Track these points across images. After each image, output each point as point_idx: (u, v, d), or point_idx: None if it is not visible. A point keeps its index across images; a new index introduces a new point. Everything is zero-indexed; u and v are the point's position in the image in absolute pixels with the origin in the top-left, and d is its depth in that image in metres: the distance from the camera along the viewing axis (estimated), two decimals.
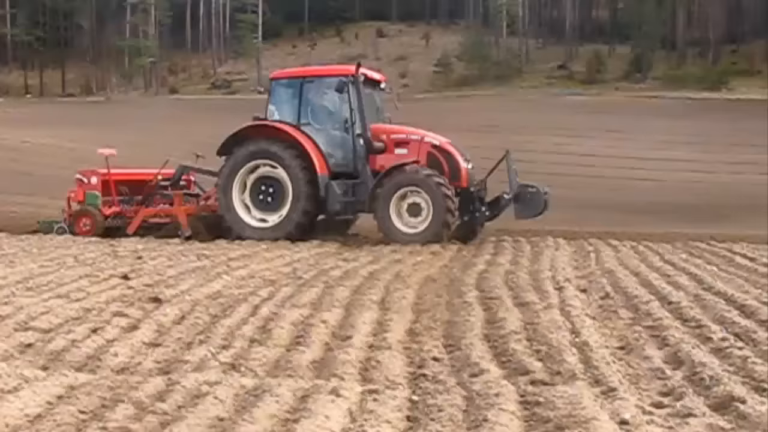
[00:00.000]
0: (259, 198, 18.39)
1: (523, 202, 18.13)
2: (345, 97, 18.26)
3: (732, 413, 5.58)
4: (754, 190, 31.38)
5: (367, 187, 17.98)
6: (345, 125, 18.45)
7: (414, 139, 18.47)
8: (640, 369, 6.85)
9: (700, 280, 11.64)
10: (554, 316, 8.69)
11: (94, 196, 19.28)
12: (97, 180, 19.46)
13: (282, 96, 19.16)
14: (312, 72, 20.29)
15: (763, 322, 8.46)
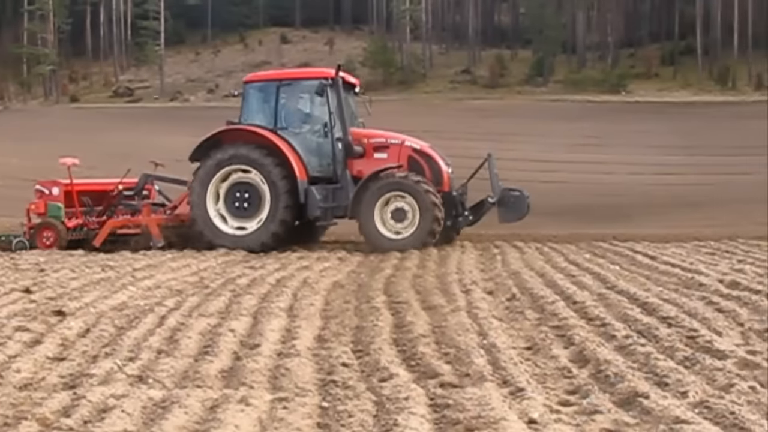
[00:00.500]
0: (234, 205, 17.91)
1: (507, 206, 18.12)
2: (324, 100, 18.05)
3: (636, 408, 5.70)
4: (652, 190, 32.13)
5: (347, 192, 17.73)
6: (324, 129, 18.19)
7: (394, 143, 18.36)
8: (546, 368, 6.94)
9: (604, 280, 11.86)
10: (462, 318, 8.76)
11: (57, 207, 18.51)
12: (59, 191, 18.74)
13: (256, 100, 18.77)
14: (288, 75, 19.96)
15: (664, 318, 8.66)
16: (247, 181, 17.83)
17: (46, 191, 18.69)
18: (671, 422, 5.30)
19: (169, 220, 18.88)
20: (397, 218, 17.31)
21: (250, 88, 18.84)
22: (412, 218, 17.25)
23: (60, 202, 18.55)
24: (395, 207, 17.32)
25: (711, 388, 6.16)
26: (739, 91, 68.14)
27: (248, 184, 17.83)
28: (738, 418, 5.34)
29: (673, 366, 6.72)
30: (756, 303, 9.50)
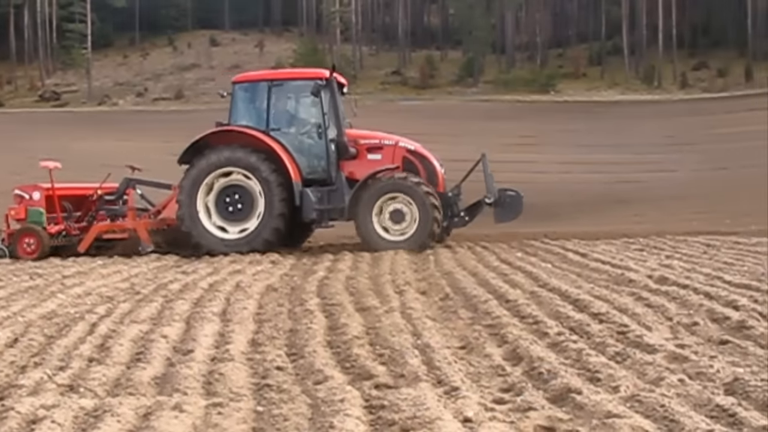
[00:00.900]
0: (225, 208, 17.55)
1: (503, 206, 18.10)
2: (317, 101, 17.84)
3: (569, 404, 5.76)
4: (582, 189, 32.54)
5: (342, 194, 17.52)
6: (317, 130, 17.94)
7: (388, 144, 18.22)
8: (481, 367, 6.99)
9: (536, 278, 11.98)
10: (396, 319, 8.78)
11: (39, 213, 17.85)
12: (40, 195, 18.07)
13: (246, 100, 18.42)
14: (280, 75, 19.54)
15: (595, 315, 8.77)
16: (238, 184, 17.52)
17: (27, 196, 18.04)
18: (603, 417, 5.36)
19: (157, 224, 18.45)
20: (396, 220, 17.22)
21: (239, 89, 18.44)
22: (410, 220, 17.17)
23: (41, 207, 17.95)
24: (393, 208, 17.21)
25: (642, 382, 6.25)
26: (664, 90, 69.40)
27: (240, 187, 17.52)
28: (668, 411, 5.43)
29: (605, 361, 6.81)
30: (684, 297, 9.67)
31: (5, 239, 17.91)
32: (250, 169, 17.32)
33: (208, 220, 17.50)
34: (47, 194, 18.14)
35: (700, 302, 9.35)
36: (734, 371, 6.43)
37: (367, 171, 17.47)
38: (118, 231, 18.26)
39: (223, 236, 17.44)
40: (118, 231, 18.26)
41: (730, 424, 5.26)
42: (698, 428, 5.09)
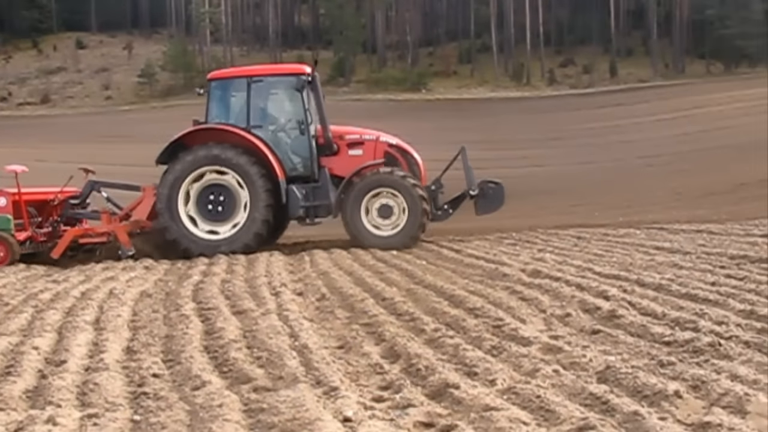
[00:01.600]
0: (207, 208, 16.99)
1: (486, 198, 18.04)
2: (298, 96, 17.48)
3: (448, 399, 5.82)
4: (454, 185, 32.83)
5: (327, 190, 17.25)
6: (300, 126, 17.52)
7: (368, 138, 18.02)
8: (359, 366, 7.00)
9: (411, 275, 12.07)
10: (272, 321, 8.72)
11: (6, 219, 16.80)
12: (6, 201, 16.98)
13: (224, 97, 17.92)
14: (259, 71, 18.71)
15: (471, 310, 8.89)
16: (220, 183, 17.04)
17: None
18: (481, 410, 5.44)
19: (132, 226, 17.60)
20: (384, 215, 17.07)
21: (215, 86, 17.94)
22: (398, 214, 17.06)
23: (9, 214, 16.92)
24: (381, 204, 17.07)
25: (518, 375, 6.38)
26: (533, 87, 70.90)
27: (221, 186, 17.03)
28: (543, 401, 5.54)
29: (481, 355, 6.91)
30: (556, 290, 9.89)
31: None
32: (233, 168, 16.91)
33: (190, 221, 17.04)
34: (14, 199, 17.17)
35: (572, 294, 9.58)
36: (606, 360, 6.60)
37: (349, 167, 17.34)
38: (95, 235, 17.59)
39: (207, 237, 17.01)
40: (95, 235, 17.59)
41: (603, 411, 5.40)
42: (573, 417, 5.21)
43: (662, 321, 8.01)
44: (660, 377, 6.06)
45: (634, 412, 5.24)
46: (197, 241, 16.90)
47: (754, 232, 16.14)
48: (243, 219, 16.93)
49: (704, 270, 11.18)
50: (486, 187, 18.11)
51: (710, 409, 5.39)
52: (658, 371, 6.28)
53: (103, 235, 17.52)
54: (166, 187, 16.98)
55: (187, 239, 16.94)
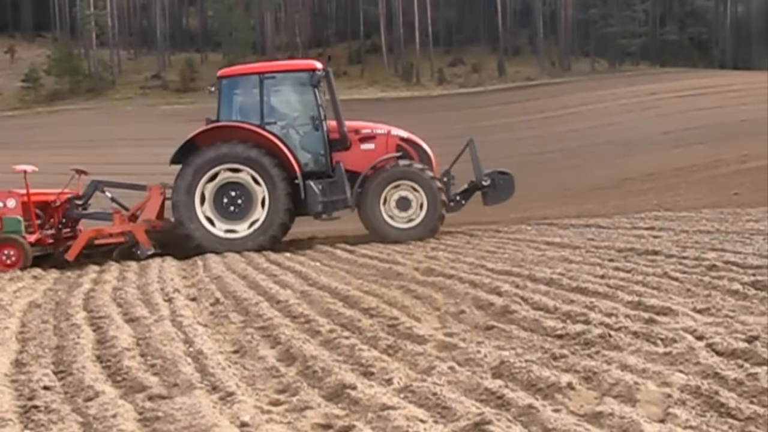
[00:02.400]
0: (223, 206, 16.92)
1: (497, 188, 18.20)
2: (311, 92, 17.50)
3: (345, 400, 5.82)
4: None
5: (343, 185, 17.20)
6: (314, 122, 17.57)
7: (380, 133, 18.05)
8: (255, 370, 6.94)
9: (306, 277, 12.03)
10: (166, 328, 8.59)
11: (17, 221, 16.28)
12: (15, 202, 16.48)
13: (236, 95, 17.74)
14: (271, 68, 18.58)
15: (366, 310, 8.91)
16: (236, 181, 16.94)
17: (0, 204, 16.44)
18: (378, 409, 5.45)
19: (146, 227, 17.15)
20: (402, 207, 17.22)
21: (226, 84, 17.71)
22: (416, 206, 17.21)
23: (19, 215, 16.41)
24: (399, 196, 17.20)
25: (414, 373, 6.41)
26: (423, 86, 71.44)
27: (238, 184, 16.95)
28: (440, 398, 5.58)
29: (377, 355, 6.93)
30: (450, 287, 9.98)
31: None
32: (251, 165, 16.84)
33: (207, 220, 16.96)
34: (23, 201, 16.70)
35: (465, 291, 9.67)
36: (500, 355, 6.69)
37: (362, 161, 17.48)
38: (112, 236, 17.16)
39: (225, 236, 16.94)
40: (112, 236, 17.16)
41: (498, 405, 5.47)
42: (469, 412, 5.26)
43: (554, 315, 8.16)
44: (553, 370, 6.16)
45: (529, 406, 5.32)
46: (216, 241, 16.83)
47: (640, 225, 16.58)
48: (262, 216, 16.92)
49: (593, 263, 11.43)
50: (497, 177, 18.35)
51: (602, 399, 5.52)
52: (551, 364, 6.39)
53: (120, 236, 17.16)
54: (183, 187, 16.92)
55: (206, 238, 16.87)
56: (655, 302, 8.27)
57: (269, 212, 16.89)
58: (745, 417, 5.09)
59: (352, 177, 17.48)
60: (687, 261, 10.82)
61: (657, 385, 5.65)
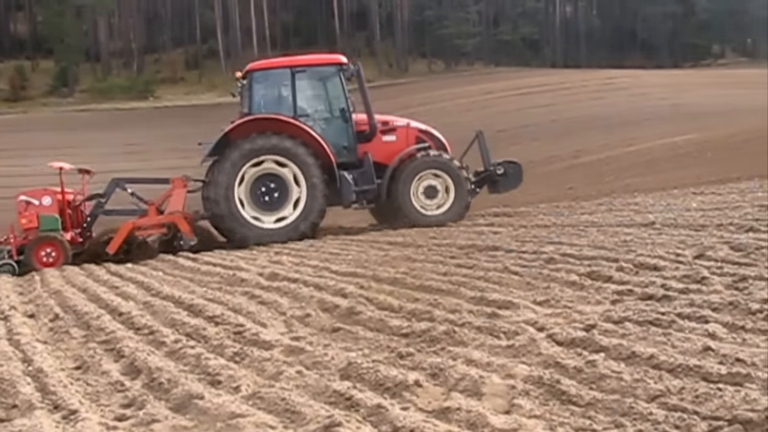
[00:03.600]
0: (260, 197, 17.26)
1: (507, 176, 18.88)
2: (340, 85, 18.09)
3: (193, 411, 5.73)
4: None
5: (371, 175, 17.73)
6: (343, 114, 18.10)
7: (400, 125, 18.64)
8: (99, 386, 6.77)
9: (148, 287, 11.81)
10: (2, 347, 8.28)
11: (54, 219, 16.45)
12: (51, 200, 16.61)
13: (266, 88, 18.20)
14: (301, 62, 18.86)
15: (211, 318, 8.81)
16: (272, 173, 17.31)
17: (36, 202, 16.57)
18: (227, 418, 5.39)
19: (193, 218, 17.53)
20: (429, 195, 17.85)
21: (257, 77, 18.10)
22: (442, 194, 17.90)
23: (55, 213, 16.53)
24: (427, 185, 17.84)
25: (261, 379, 6.37)
26: None
27: (274, 176, 17.32)
28: (289, 403, 5.56)
29: (224, 363, 6.86)
30: (295, 291, 9.97)
31: (13, 252, 16.33)
32: (288, 156, 17.22)
33: (245, 212, 17.21)
34: (57, 199, 16.83)
35: (310, 294, 9.68)
36: (347, 356, 6.72)
37: (384, 152, 18.07)
38: (153, 227, 17.24)
39: (265, 226, 17.24)
40: (153, 227, 17.24)
41: (347, 407, 5.49)
42: (318, 416, 5.26)
43: (399, 314, 8.25)
44: (400, 369, 6.23)
45: (378, 405, 5.36)
46: (256, 231, 17.16)
47: (480, 222, 16.97)
48: (299, 207, 17.32)
49: (436, 261, 11.61)
50: (507, 166, 19.07)
51: (449, 394, 5.61)
52: (398, 363, 6.45)
53: (161, 228, 17.22)
54: (223, 180, 17.13)
55: (246, 229, 17.18)
56: (497, 297, 8.47)
57: (306, 203, 17.33)
58: (586, 403, 5.26)
59: (376, 168, 18.05)
60: (526, 255, 11.10)
61: (501, 378, 5.79)
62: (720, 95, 53.74)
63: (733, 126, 33.81)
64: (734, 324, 6.69)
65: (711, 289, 7.92)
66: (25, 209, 16.71)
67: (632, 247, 10.73)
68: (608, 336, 6.61)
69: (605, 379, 5.60)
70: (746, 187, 16.56)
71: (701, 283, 8.20)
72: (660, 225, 12.75)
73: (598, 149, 33.49)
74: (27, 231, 16.59)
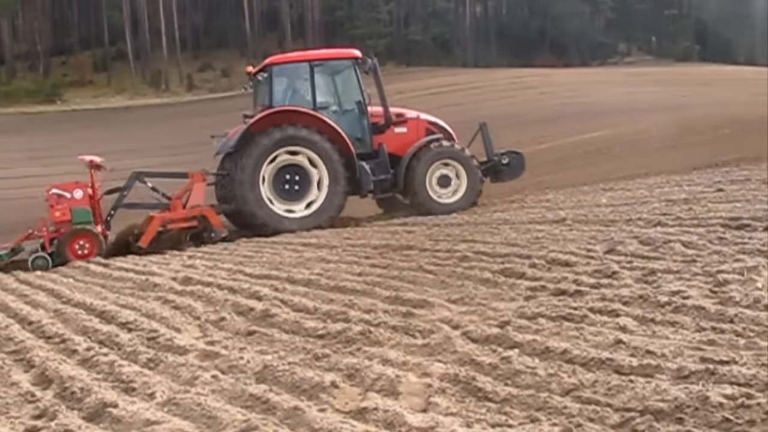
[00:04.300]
0: (282, 188, 17.72)
1: (511, 166, 19.48)
2: (355, 78, 18.68)
3: (107, 419, 5.65)
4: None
5: (387, 165, 18.36)
6: (359, 106, 18.63)
7: (411, 117, 19.24)
8: (8, 397, 6.60)
9: (58, 294, 11.57)
10: None
11: (86, 212, 16.68)
12: (82, 194, 16.83)
13: (287, 81, 18.71)
14: (318, 56, 19.41)
15: (124, 324, 8.68)
16: (294, 163, 17.78)
17: (68, 195, 16.75)
18: (142, 426, 5.33)
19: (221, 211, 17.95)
20: (443, 184, 18.41)
21: (277, 71, 18.55)
22: (455, 183, 18.48)
23: (87, 206, 16.79)
24: (440, 174, 18.41)
25: (177, 385, 6.30)
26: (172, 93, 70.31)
27: (296, 166, 17.78)
28: (205, 409, 5.52)
29: (138, 369, 6.77)
30: (209, 295, 9.88)
31: (46, 245, 16.60)
32: (311, 147, 17.70)
33: (271, 202, 17.67)
34: (88, 192, 17.03)
35: (225, 297, 9.61)
36: (263, 359, 6.69)
37: (395, 143, 18.64)
38: (184, 220, 17.34)
39: (290, 215, 17.70)
40: (184, 220, 17.34)
41: (264, 410, 5.46)
42: (235, 420, 5.23)
43: (314, 315, 8.23)
44: (316, 370, 6.22)
45: (295, 408, 5.35)
46: (284, 221, 17.60)
47: (394, 221, 17.01)
48: (322, 196, 17.82)
49: (350, 262, 11.62)
50: (510, 156, 19.72)
51: (365, 394, 5.62)
52: (314, 365, 6.45)
53: (192, 220, 17.40)
54: (248, 172, 17.49)
55: (274, 219, 17.60)
56: (411, 296, 8.51)
57: (329, 191, 17.83)
58: (501, 399, 5.32)
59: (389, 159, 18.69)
60: (440, 253, 11.18)
61: (418, 377, 5.82)
62: (627, 93, 54.87)
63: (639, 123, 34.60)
64: (644, 317, 6.84)
65: (621, 283, 8.08)
66: (57, 202, 16.87)
67: (544, 244, 10.89)
68: (522, 332, 6.70)
69: (520, 374, 5.68)
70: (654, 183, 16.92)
71: (612, 278, 8.36)
72: (571, 221, 12.97)
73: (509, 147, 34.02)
74: (59, 224, 16.77)
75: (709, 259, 8.71)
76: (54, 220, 16.80)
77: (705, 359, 5.57)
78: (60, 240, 16.53)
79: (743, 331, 6.21)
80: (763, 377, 5.08)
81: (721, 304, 6.98)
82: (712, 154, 23.64)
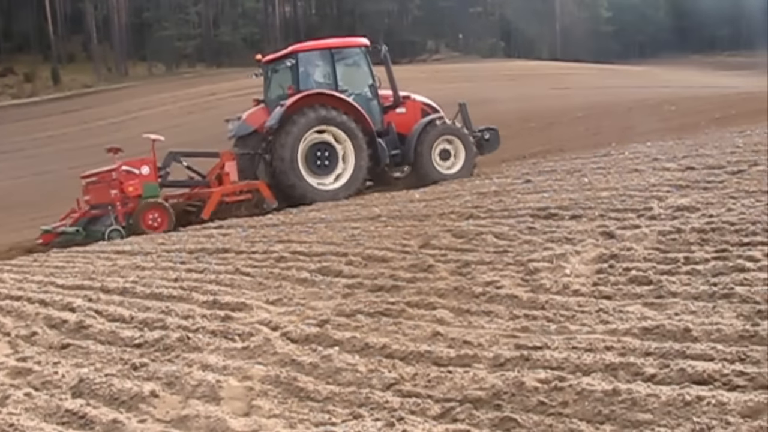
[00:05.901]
0: (315, 163, 19.13)
1: (491, 141, 21.32)
2: (367, 64, 20.42)
3: None
4: None
5: (396, 142, 20.13)
6: (372, 89, 20.35)
7: (408, 98, 20.93)
8: None
9: None
10: None
11: (154, 186, 18.25)
12: (150, 169, 18.27)
13: (311, 67, 20.12)
14: (335, 44, 21.01)
15: None
16: (322, 141, 19.26)
17: (137, 171, 18.14)
18: None
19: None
20: (443, 158, 20.17)
21: (303, 57, 20.03)
22: (454, 156, 20.27)
23: (154, 181, 18.28)
24: (442, 149, 20.17)
25: None
26: None
27: (325, 144, 19.28)
28: (18, 428, 5.33)
29: None
30: (19, 309, 9.48)
31: (120, 218, 17.74)
32: (340, 126, 19.29)
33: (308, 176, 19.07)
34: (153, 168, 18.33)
35: (36, 311, 9.25)
36: (79, 372, 6.49)
37: (397, 122, 20.39)
38: (241, 193, 18.68)
39: (323, 188, 19.08)
40: (241, 193, 18.68)
41: (81, 426, 5.34)
42: None
43: (131, 324, 8.06)
44: (135, 380, 6.09)
45: (113, 420, 5.25)
46: (322, 193, 18.94)
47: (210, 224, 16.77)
48: (349, 170, 19.37)
49: (166, 268, 11.43)
50: (489, 132, 21.49)
51: (187, 402, 5.55)
52: (132, 375, 6.31)
53: (248, 193, 18.75)
54: (288, 147, 18.90)
55: (313, 192, 18.94)
56: (229, 299, 8.45)
57: (354, 167, 19.37)
58: (324, 397, 5.37)
59: None
60: (256, 255, 11.15)
61: (239, 380, 5.79)
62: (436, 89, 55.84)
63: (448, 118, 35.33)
64: (460, 308, 7.02)
65: (437, 276, 8.27)
66: (127, 178, 18.07)
67: (360, 241, 11.02)
68: (341, 330, 6.77)
69: (341, 372, 5.73)
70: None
71: (428, 271, 8.54)
72: (386, 218, 13.16)
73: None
74: (131, 198, 17.96)
75: (520, 249, 9.02)
76: (128, 194, 17.99)
77: (519, 346, 5.78)
78: (134, 213, 17.73)
79: (554, 316, 6.48)
80: (573, 360, 5.31)
81: (532, 291, 7.25)
82: (520, 147, 24.54)
